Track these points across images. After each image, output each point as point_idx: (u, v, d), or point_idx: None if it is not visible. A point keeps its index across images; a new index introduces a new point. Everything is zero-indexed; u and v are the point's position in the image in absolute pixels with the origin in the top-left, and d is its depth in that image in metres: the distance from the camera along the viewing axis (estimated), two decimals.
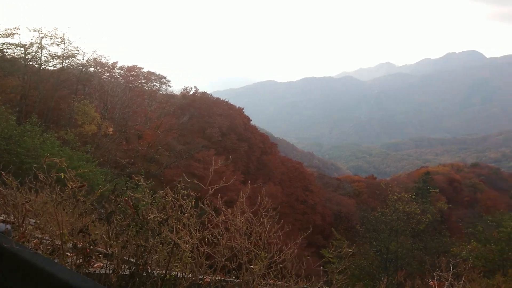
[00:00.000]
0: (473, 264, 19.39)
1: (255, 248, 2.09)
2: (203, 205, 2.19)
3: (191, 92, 49.31)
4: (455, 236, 30.60)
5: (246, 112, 53.67)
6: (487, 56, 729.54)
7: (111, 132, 30.20)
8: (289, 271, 2.20)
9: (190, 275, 2.02)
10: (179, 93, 49.76)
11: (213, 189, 2.19)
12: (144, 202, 2.26)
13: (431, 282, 3.12)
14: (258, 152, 46.06)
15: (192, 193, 2.17)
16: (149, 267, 2.10)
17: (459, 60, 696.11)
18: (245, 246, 2.02)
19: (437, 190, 58.65)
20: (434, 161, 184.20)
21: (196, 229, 2.11)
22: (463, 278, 3.39)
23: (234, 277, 2.25)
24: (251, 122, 52.31)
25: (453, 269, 3.36)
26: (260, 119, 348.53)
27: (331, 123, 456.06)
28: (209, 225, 2.17)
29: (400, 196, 23.18)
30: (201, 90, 51.85)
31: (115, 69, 43.22)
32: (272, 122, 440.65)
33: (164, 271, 2.05)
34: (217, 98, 52.04)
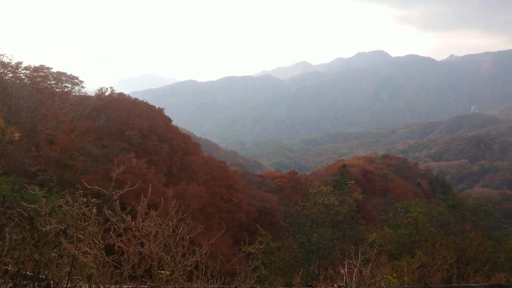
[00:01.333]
0: (387, 248, 20.97)
1: (164, 253, 2.01)
2: (110, 212, 2.06)
3: (107, 93, 46.95)
4: (370, 224, 32.73)
5: (167, 112, 52.49)
6: (392, 55, 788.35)
7: (17, 138, 27.73)
8: (203, 271, 2.16)
9: (95, 286, 1.88)
10: (93, 94, 47.12)
11: (118, 194, 2.08)
12: (43, 213, 2.06)
13: (342, 270, 3.28)
14: (180, 152, 45.29)
15: (93, 200, 2.02)
16: (51, 282, 1.93)
17: (368, 59, 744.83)
18: (154, 251, 1.94)
19: (353, 181, 62.26)
20: (349, 154, 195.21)
21: (100, 238, 1.98)
22: (370, 264, 3.61)
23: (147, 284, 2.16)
24: (173, 123, 51.27)
25: (361, 256, 3.57)
26: (181, 119, 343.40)
27: (252, 121, 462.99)
28: (112, 232, 2.04)
29: (319, 189, 24.27)
30: (118, 90, 49.68)
31: (20, 69, 39.72)
32: (194, 122, 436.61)
33: (66, 285, 1.89)
34: (136, 99, 50.23)
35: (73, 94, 45.18)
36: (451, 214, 30.85)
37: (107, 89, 47.49)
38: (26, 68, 40.56)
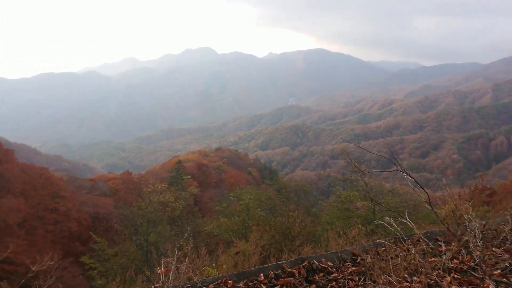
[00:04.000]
0: (224, 237, 21.94)
1: None
2: None
3: None
4: (207, 216, 33.82)
5: None
6: (219, 52, 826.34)
7: None
8: None
9: None
10: None
11: None
12: None
13: (159, 271, 3.32)
14: None
15: None
16: None
17: (196, 55, 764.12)
18: None
19: (189, 176, 63.07)
20: (184, 150, 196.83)
21: None
22: (187, 259, 3.74)
23: None
24: None
25: (178, 252, 3.67)
26: None
27: (78, 122, 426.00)
28: None
29: (155, 187, 23.98)
30: None
31: None
32: (6, 125, 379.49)
33: None
34: None
35: None
36: (277, 197, 34.00)
37: None
38: None
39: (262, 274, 3.58)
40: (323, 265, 3.98)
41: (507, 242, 5.03)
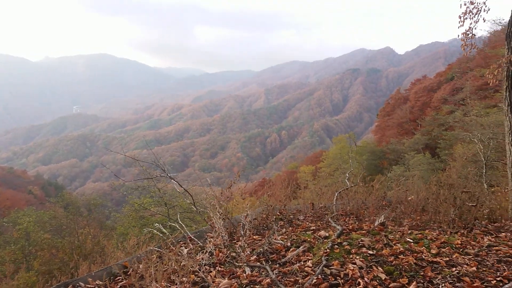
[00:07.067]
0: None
1: None
2: None
3: None
4: None
5: None
6: None
7: None
8: None
9: None
10: None
11: None
12: None
13: None
14: None
15: None
16: None
17: None
18: None
19: None
20: None
21: None
22: None
23: None
24: None
25: None
26: None
27: None
28: None
29: None
30: None
31: None
32: None
33: None
34: None
35: None
36: (65, 215, 31.01)
37: None
38: None
39: None
40: (90, 286, 3.91)
41: (265, 229, 5.97)
